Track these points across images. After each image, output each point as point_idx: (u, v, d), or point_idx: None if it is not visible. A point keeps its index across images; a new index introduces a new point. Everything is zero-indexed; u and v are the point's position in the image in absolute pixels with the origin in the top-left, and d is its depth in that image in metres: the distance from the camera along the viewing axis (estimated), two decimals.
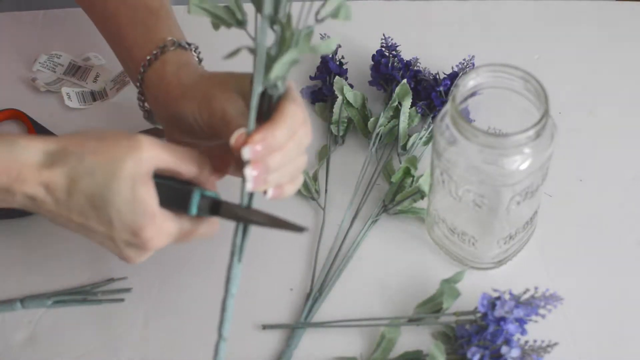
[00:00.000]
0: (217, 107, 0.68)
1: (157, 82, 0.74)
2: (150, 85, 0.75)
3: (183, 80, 0.73)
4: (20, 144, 0.63)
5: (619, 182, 0.87)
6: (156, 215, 0.64)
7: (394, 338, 0.76)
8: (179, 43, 0.76)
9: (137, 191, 0.63)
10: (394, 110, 0.88)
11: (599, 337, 0.77)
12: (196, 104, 0.70)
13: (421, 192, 0.83)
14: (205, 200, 0.67)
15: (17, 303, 0.79)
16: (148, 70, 0.75)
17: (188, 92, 0.71)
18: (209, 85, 0.70)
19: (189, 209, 0.66)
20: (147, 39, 0.76)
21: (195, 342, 0.77)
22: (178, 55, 0.75)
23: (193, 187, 0.67)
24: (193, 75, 0.73)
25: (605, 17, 1.01)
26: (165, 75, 0.74)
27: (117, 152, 0.63)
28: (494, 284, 0.76)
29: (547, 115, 0.70)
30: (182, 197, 0.66)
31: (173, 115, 0.72)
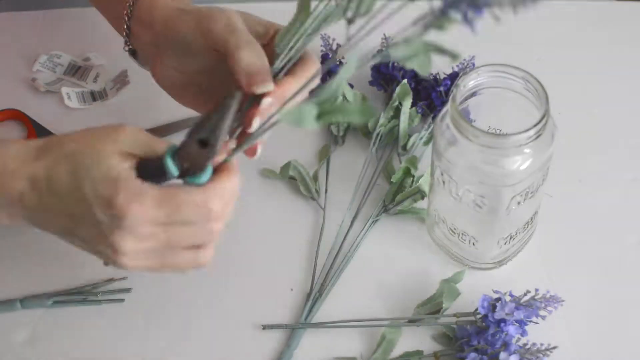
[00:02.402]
0: (220, 17, 0.68)
1: (149, 6, 0.73)
2: (141, 13, 0.74)
3: (182, 4, 0.72)
4: (11, 142, 0.63)
5: (619, 182, 0.87)
6: (129, 180, 0.59)
7: (394, 339, 0.76)
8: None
9: (110, 162, 0.59)
10: (394, 110, 0.88)
11: (599, 338, 0.77)
12: (196, 17, 0.69)
13: (421, 192, 0.83)
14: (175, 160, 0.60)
15: (17, 303, 0.79)
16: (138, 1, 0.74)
17: (187, 9, 0.71)
18: (209, 8, 0.70)
19: (168, 173, 0.60)
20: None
21: (195, 342, 0.77)
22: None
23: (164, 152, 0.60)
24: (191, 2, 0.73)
25: (605, 17, 1.01)
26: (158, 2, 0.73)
27: (95, 135, 0.61)
28: (494, 284, 0.76)
29: (547, 115, 0.70)
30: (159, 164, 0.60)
31: (166, 35, 0.71)
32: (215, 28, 0.68)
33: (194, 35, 0.70)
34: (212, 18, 0.69)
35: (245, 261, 0.82)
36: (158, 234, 0.60)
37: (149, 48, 0.75)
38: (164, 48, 0.73)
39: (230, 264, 0.82)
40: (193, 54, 0.71)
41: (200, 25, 0.69)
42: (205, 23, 0.69)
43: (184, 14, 0.71)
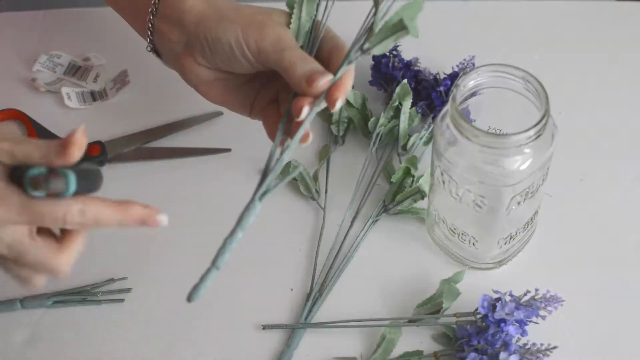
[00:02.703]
0: (270, 32, 0.68)
1: (179, 5, 0.72)
2: (168, 12, 0.73)
3: (217, 4, 0.71)
4: None
5: (619, 182, 0.87)
6: None
7: (394, 339, 0.76)
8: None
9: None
10: (394, 110, 0.88)
11: (599, 338, 0.77)
12: (241, 26, 0.69)
13: (421, 192, 0.83)
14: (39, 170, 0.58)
15: (17, 303, 0.79)
16: None
17: (228, 15, 0.70)
18: (257, 12, 0.70)
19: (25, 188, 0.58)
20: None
21: (195, 342, 0.77)
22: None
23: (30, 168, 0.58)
24: (228, 1, 0.72)
25: (605, 17, 1.01)
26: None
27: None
28: (494, 284, 0.76)
29: (547, 115, 0.70)
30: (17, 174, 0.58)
31: (203, 35, 0.70)
32: (265, 46, 0.68)
33: (239, 46, 0.69)
34: (261, 34, 0.68)
35: (245, 261, 0.82)
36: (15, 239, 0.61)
37: (176, 46, 0.74)
38: (198, 48, 0.72)
39: (230, 264, 0.82)
40: (234, 60, 0.71)
41: (247, 39, 0.69)
42: (252, 38, 0.69)
43: (224, 21, 0.70)
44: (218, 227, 0.84)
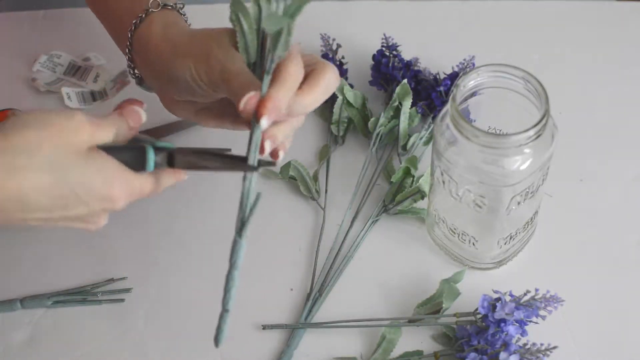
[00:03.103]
0: (214, 63, 0.67)
1: (145, 43, 0.73)
2: (138, 48, 0.74)
3: (173, 38, 0.72)
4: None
5: (619, 182, 0.87)
6: (120, 173, 0.63)
7: (394, 339, 0.76)
8: (164, 4, 0.75)
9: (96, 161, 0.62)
10: (394, 110, 0.88)
11: (599, 338, 0.77)
12: (191, 61, 0.69)
13: (421, 192, 0.83)
14: (160, 153, 0.65)
15: (17, 303, 0.79)
16: (135, 33, 0.74)
17: (180, 50, 0.70)
18: (204, 41, 0.69)
19: (146, 166, 0.65)
20: (135, 4, 0.75)
21: (195, 342, 0.77)
22: (163, 15, 0.74)
23: (145, 145, 0.65)
24: (183, 33, 0.72)
25: (605, 17, 1.01)
26: (151, 36, 0.73)
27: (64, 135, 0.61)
28: (494, 285, 0.76)
29: (547, 115, 0.70)
30: (137, 156, 0.65)
31: (166, 75, 0.71)
32: (214, 78, 0.68)
33: (194, 82, 0.69)
34: (209, 66, 0.68)
35: (245, 261, 0.82)
36: None
37: (150, 81, 0.75)
38: (166, 86, 0.73)
39: None
40: (196, 93, 0.71)
41: (199, 74, 0.69)
42: (203, 71, 0.68)
43: (179, 56, 0.70)
44: (218, 226, 0.84)
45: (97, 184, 0.62)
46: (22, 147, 0.59)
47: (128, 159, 0.64)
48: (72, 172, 0.61)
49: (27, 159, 0.59)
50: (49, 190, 0.60)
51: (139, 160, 0.65)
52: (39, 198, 0.60)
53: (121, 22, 0.77)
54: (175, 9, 0.76)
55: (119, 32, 0.77)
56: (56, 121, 0.61)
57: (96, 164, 0.62)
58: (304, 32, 0.96)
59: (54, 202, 0.61)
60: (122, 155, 0.64)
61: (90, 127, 0.62)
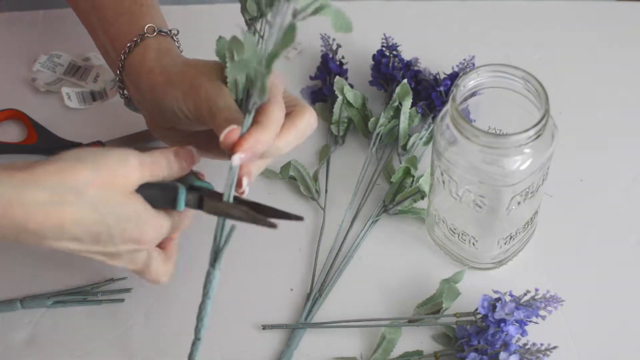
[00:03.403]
0: (203, 97, 0.68)
1: (138, 68, 0.74)
2: (130, 71, 0.75)
3: (166, 67, 0.72)
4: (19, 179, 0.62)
5: (619, 182, 0.87)
6: (153, 218, 0.66)
7: (394, 339, 0.76)
8: (159, 30, 0.75)
9: (136, 205, 0.65)
10: (394, 110, 0.88)
11: (599, 338, 0.77)
12: (181, 92, 0.70)
13: (421, 192, 0.83)
14: (192, 194, 0.67)
15: (17, 303, 0.79)
16: (129, 56, 0.75)
17: (172, 80, 0.71)
18: (195, 73, 0.70)
19: (177, 206, 0.67)
20: (130, 27, 0.76)
21: None
22: (159, 41, 0.75)
23: (178, 184, 0.67)
24: (176, 62, 0.73)
25: (605, 17, 1.01)
26: (145, 62, 0.74)
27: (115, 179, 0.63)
28: (494, 285, 0.76)
29: (547, 115, 0.70)
30: (169, 195, 0.67)
31: (156, 102, 0.72)
32: (201, 112, 0.69)
33: (182, 113, 0.70)
34: (197, 99, 0.69)
35: (245, 261, 0.82)
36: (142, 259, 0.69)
37: (139, 105, 0.76)
38: (154, 112, 0.74)
39: (230, 264, 0.82)
40: (182, 123, 0.72)
41: (187, 105, 0.70)
42: (191, 103, 0.69)
43: (169, 86, 0.71)
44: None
45: (130, 227, 0.64)
46: (74, 184, 0.62)
47: (161, 195, 0.66)
48: (112, 213, 0.63)
49: (75, 196, 0.62)
50: (88, 226, 0.63)
51: (170, 198, 0.67)
52: (77, 231, 0.63)
53: (114, 42, 0.77)
54: (169, 35, 0.76)
55: (110, 51, 0.78)
56: (110, 163, 0.63)
57: (135, 207, 0.64)
58: (304, 32, 0.96)
59: (89, 237, 0.64)
60: (155, 192, 0.66)
61: (140, 172, 0.65)
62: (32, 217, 0.61)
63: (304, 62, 0.96)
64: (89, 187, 0.62)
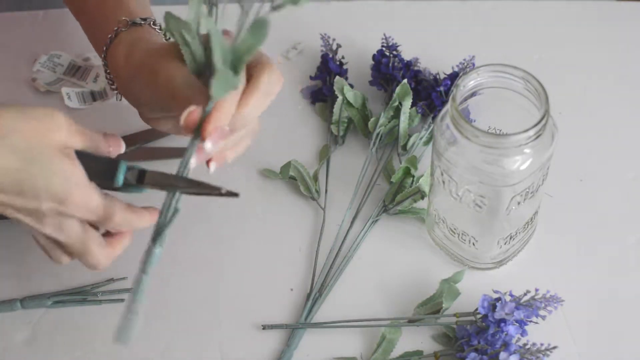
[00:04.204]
0: (162, 80, 0.67)
1: (114, 64, 0.74)
2: (111, 67, 0.75)
3: (131, 60, 0.72)
4: None
5: (619, 182, 0.87)
6: (83, 183, 0.64)
7: (394, 339, 0.76)
8: (132, 21, 0.75)
9: (64, 162, 0.62)
10: (394, 110, 0.88)
11: (599, 338, 0.77)
12: (144, 82, 0.69)
13: (421, 192, 0.82)
14: (132, 171, 0.66)
15: (17, 303, 0.79)
16: (107, 54, 0.75)
17: (135, 72, 0.71)
18: (155, 59, 0.69)
19: (115, 180, 0.65)
20: (108, 22, 0.76)
21: (195, 342, 0.77)
22: (131, 34, 0.74)
23: (119, 160, 0.66)
24: (142, 52, 0.72)
25: (605, 17, 1.01)
26: (118, 57, 0.73)
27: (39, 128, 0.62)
28: (494, 285, 0.76)
29: (547, 115, 0.70)
30: (108, 168, 0.65)
31: (132, 94, 0.72)
32: (162, 94, 0.68)
33: (151, 100, 0.70)
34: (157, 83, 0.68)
35: (245, 261, 0.82)
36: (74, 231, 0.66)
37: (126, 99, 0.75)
38: (137, 105, 0.73)
39: (230, 264, 0.82)
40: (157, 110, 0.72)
41: (151, 91, 0.69)
42: (154, 89, 0.69)
43: (134, 79, 0.71)
44: (217, 226, 0.84)
45: (56, 183, 0.62)
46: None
47: (99, 168, 0.65)
48: (37, 163, 0.61)
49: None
50: (11, 173, 0.61)
51: (109, 173, 0.65)
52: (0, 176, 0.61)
53: (97, 40, 0.77)
54: (146, 23, 0.75)
55: (100, 42, 0.77)
56: (36, 114, 0.62)
57: (63, 164, 0.62)
58: (304, 32, 0.97)
59: (11, 185, 0.61)
60: (94, 164, 0.64)
61: (67, 130, 0.63)
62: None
63: (304, 62, 0.96)
64: (14, 132, 0.60)
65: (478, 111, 0.77)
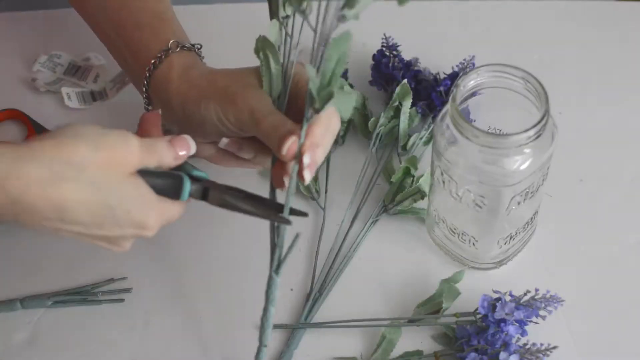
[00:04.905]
0: (242, 105, 0.68)
1: (164, 85, 0.73)
2: (157, 89, 0.74)
3: (194, 81, 0.72)
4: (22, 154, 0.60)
5: (619, 182, 0.87)
6: (157, 203, 0.64)
7: (394, 339, 0.76)
8: (182, 44, 0.75)
9: (137, 187, 0.63)
10: (394, 110, 0.88)
11: (599, 338, 0.77)
12: (217, 103, 0.69)
13: (421, 192, 0.82)
14: (196, 185, 0.66)
15: (17, 303, 0.79)
16: (154, 73, 0.74)
17: (204, 93, 0.70)
18: (228, 82, 0.70)
19: (180, 195, 0.66)
20: (153, 41, 0.75)
21: (195, 342, 0.77)
22: (183, 56, 0.74)
23: (182, 173, 0.66)
24: (204, 74, 0.72)
25: (605, 17, 1.01)
26: (172, 78, 0.73)
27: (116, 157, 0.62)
28: (494, 285, 0.76)
29: (547, 115, 0.70)
30: (173, 184, 0.65)
31: (188, 117, 0.71)
32: (243, 120, 0.68)
33: (221, 124, 0.70)
34: (236, 108, 0.68)
35: (245, 261, 0.82)
36: None
37: (170, 123, 0.75)
38: (189, 129, 0.71)
39: (230, 264, 0.82)
40: (219, 134, 0.71)
41: (226, 115, 0.69)
42: (230, 113, 0.68)
43: (203, 99, 0.70)
44: (217, 225, 0.84)
45: (135, 210, 0.63)
46: (73, 160, 0.60)
47: (164, 184, 0.65)
48: (115, 194, 0.61)
49: (76, 173, 0.60)
50: (90, 207, 0.61)
51: (174, 188, 0.65)
52: (79, 212, 0.61)
53: (136, 57, 0.76)
54: (193, 49, 0.76)
55: (133, 65, 0.77)
56: (111, 142, 0.62)
57: (137, 189, 0.63)
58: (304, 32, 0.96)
59: (92, 219, 0.61)
60: (159, 180, 0.65)
61: (140, 154, 0.63)
62: (30, 193, 0.59)
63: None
64: (91, 165, 0.60)
65: (478, 111, 0.77)
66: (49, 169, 0.59)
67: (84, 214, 0.61)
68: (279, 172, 0.66)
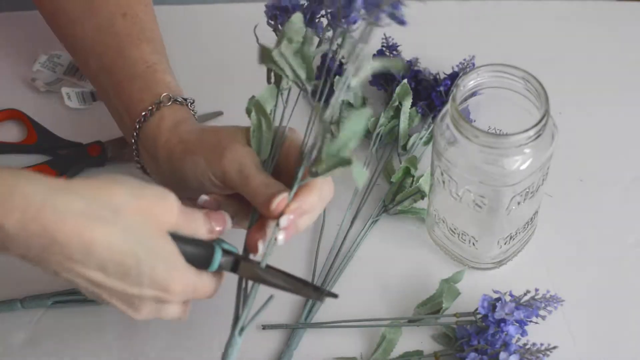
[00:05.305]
0: (231, 159, 0.67)
1: (154, 139, 0.72)
2: (146, 142, 0.73)
3: (184, 136, 0.71)
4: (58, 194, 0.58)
5: (619, 182, 0.87)
6: (184, 268, 0.62)
7: (394, 339, 0.76)
8: (174, 98, 0.74)
9: (168, 246, 0.61)
10: (394, 110, 0.88)
11: (599, 338, 0.77)
12: (203, 159, 0.68)
13: (421, 192, 0.83)
14: (227, 256, 0.65)
15: (17, 303, 0.79)
16: (144, 126, 0.73)
17: (192, 148, 0.69)
18: (216, 139, 0.69)
19: (210, 265, 0.64)
20: (145, 93, 0.74)
21: (195, 342, 0.77)
22: (174, 110, 0.73)
23: (213, 243, 0.65)
24: (194, 130, 0.71)
25: (605, 17, 1.01)
26: (162, 132, 0.72)
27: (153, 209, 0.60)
28: (494, 285, 0.76)
29: (547, 115, 0.70)
30: (204, 253, 0.64)
31: (173, 172, 0.71)
32: (230, 175, 0.67)
33: (206, 178, 0.68)
34: (222, 163, 0.67)
35: None
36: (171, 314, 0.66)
37: (156, 176, 0.74)
38: (171, 183, 0.70)
39: None
40: (201, 191, 0.70)
41: (212, 169, 0.68)
42: (217, 168, 0.67)
43: (190, 154, 0.69)
44: None
45: (160, 269, 0.60)
46: (112, 203, 0.59)
47: (194, 252, 0.63)
48: (145, 245, 0.59)
49: (112, 215, 0.58)
50: (117, 254, 0.59)
51: (204, 257, 0.64)
52: (104, 257, 0.58)
53: (128, 108, 0.75)
54: (185, 104, 0.75)
55: (124, 116, 0.76)
56: (151, 194, 0.61)
57: (167, 248, 0.61)
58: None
59: (116, 267, 0.59)
60: (189, 248, 0.63)
61: (177, 215, 0.62)
62: (63, 226, 0.56)
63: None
64: (126, 210, 0.59)
65: (478, 111, 0.77)
66: (87, 205, 0.57)
67: (109, 259, 0.58)
68: (254, 235, 0.66)
